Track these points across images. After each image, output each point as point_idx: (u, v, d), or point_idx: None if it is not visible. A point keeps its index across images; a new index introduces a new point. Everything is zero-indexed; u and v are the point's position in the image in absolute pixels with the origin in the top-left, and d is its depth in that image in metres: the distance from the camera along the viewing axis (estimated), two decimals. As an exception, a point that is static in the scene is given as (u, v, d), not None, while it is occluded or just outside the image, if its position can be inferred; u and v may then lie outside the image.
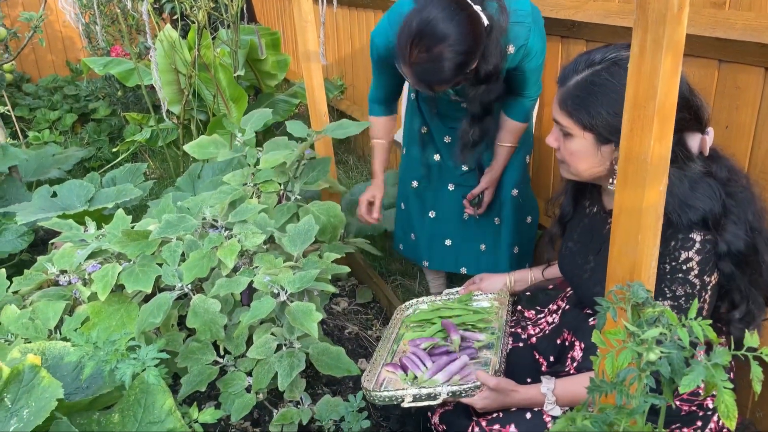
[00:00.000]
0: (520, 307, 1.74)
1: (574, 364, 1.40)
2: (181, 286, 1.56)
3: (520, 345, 1.59)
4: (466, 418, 1.42)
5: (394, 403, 1.38)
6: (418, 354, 1.52)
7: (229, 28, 3.34)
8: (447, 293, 1.83)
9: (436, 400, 1.36)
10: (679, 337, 0.76)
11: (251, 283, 1.53)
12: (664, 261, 1.16)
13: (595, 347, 1.30)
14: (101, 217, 2.33)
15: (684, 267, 1.16)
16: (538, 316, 1.67)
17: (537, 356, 1.54)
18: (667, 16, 0.79)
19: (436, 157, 2.08)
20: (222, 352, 1.59)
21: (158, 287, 1.63)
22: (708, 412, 1.28)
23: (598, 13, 1.88)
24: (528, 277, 1.75)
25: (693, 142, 1.20)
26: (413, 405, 1.36)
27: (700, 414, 1.28)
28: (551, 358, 1.50)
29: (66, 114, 4.94)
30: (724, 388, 0.74)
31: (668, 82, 0.84)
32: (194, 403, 1.41)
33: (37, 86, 5.20)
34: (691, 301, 1.17)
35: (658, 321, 0.79)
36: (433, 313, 1.71)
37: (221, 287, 1.52)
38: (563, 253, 1.50)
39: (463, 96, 1.87)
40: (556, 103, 1.26)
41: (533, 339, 1.59)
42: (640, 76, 0.85)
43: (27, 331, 1.49)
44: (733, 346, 0.76)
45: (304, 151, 1.94)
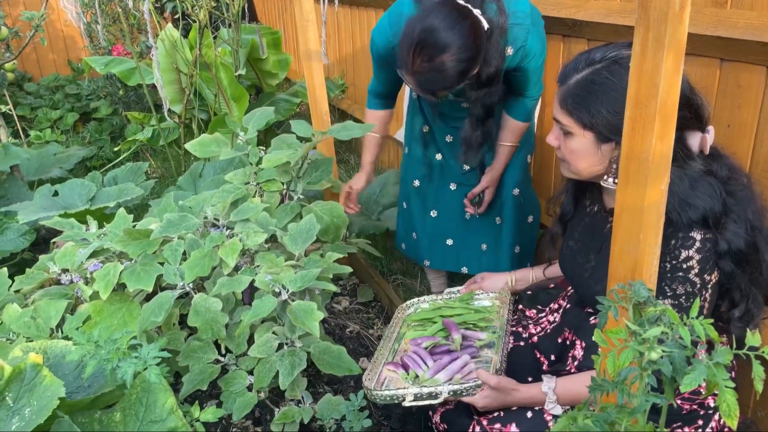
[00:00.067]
0: (522, 306, 1.75)
1: (575, 363, 1.40)
2: (183, 285, 1.57)
3: (521, 344, 1.59)
4: (467, 417, 1.42)
5: (396, 402, 1.38)
6: (420, 353, 1.52)
7: (230, 27, 3.34)
8: (448, 292, 1.83)
9: (437, 399, 1.36)
10: (681, 336, 0.76)
11: (253, 282, 1.53)
12: (665, 260, 1.16)
13: (596, 346, 1.30)
14: (103, 216, 2.33)
15: (684, 266, 1.16)
16: (540, 315, 1.67)
17: (538, 355, 1.54)
18: (668, 15, 0.79)
19: (438, 157, 2.08)
20: (223, 351, 1.59)
21: (160, 286, 1.63)
22: (709, 411, 1.28)
23: (600, 11, 1.88)
24: (529, 276, 1.75)
25: (693, 141, 1.20)
26: (414, 404, 1.37)
27: (702, 413, 1.28)
28: (552, 357, 1.50)
29: (67, 113, 4.94)
30: (726, 387, 0.74)
31: (670, 81, 0.84)
32: (196, 402, 1.41)
33: (39, 85, 5.21)
34: (692, 300, 1.17)
35: (660, 320, 0.79)
36: (435, 312, 1.71)
37: (223, 286, 1.52)
38: (564, 252, 1.50)
39: (464, 98, 1.88)
40: (557, 102, 1.26)
41: (534, 338, 1.59)
42: (642, 75, 0.85)
43: (29, 329, 1.49)
44: (734, 345, 0.76)
45: (308, 151, 1.94)
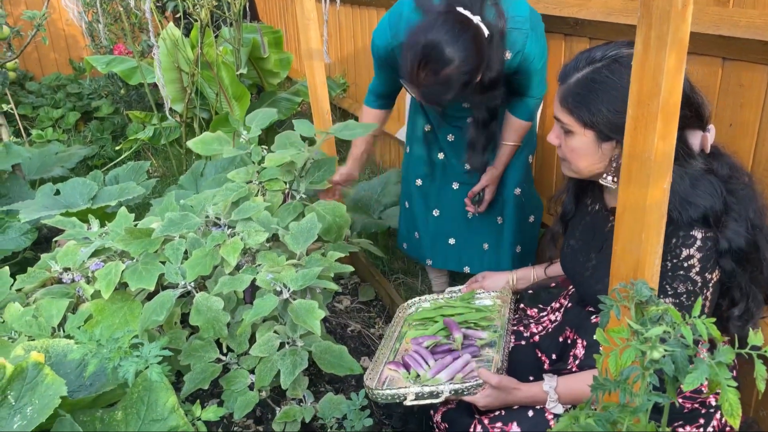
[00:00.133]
0: (523, 305, 1.74)
1: (576, 361, 1.39)
2: (184, 283, 1.57)
3: (523, 343, 1.59)
4: (469, 416, 1.42)
5: (397, 402, 1.38)
6: (421, 352, 1.52)
7: (231, 27, 3.34)
8: (449, 291, 1.83)
9: (439, 399, 1.36)
10: (683, 336, 0.75)
11: (254, 280, 1.53)
12: (666, 258, 1.15)
13: (598, 345, 1.30)
14: (104, 215, 2.33)
15: (685, 264, 1.16)
16: (541, 314, 1.66)
17: (539, 354, 1.54)
18: (671, 13, 0.79)
19: (440, 156, 2.08)
20: (225, 350, 1.59)
21: (161, 285, 1.63)
22: (711, 410, 1.28)
23: (602, 10, 1.88)
24: (530, 275, 1.75)
25: (694, 140, 1.20)
26: (415, 403, 1.37)
27: (703, 411, 1.28)
28: (553, 356, 1.50)
29: (69, 112, 4.95)
30: (728, 386, 0.74)
31: (672, 80, 0.84)
32: (197, 401, 1.42)
33: (40, 84, 5.21)
34: (693, 299, 1.17)
35: (662, 319, 0.79)
36: (436, 312, 1.71)
37: (224, 285, 1.52)
38: (565, 251, 1.50)
39: (467, 101, 1.88)
40: (557, 101, 1.26)
41: (536, 337, 1.59)
42: (644, 74, 0.85)
43: (30, 328, 1.49)
44: (737, 345, 0.76)
45: (315, 152, 1.94)
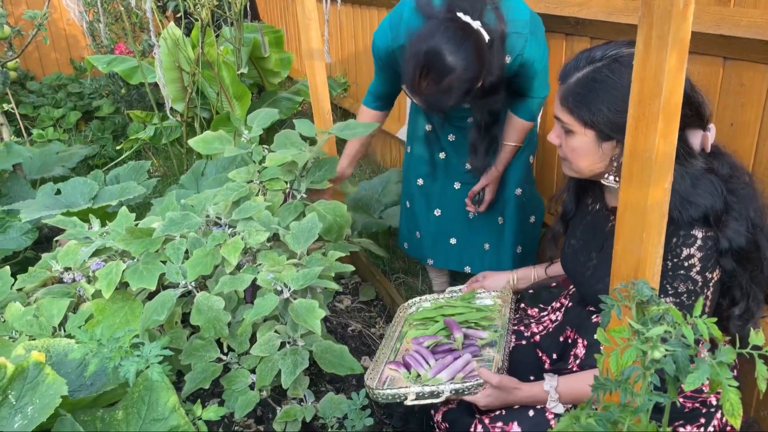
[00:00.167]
0: (524, 305, 1.74)
1: (577, 361, 1.39)
2: (185, 283, 1.57)
3: (523, 343, 1.59)
4: (469, 416, 1.42)
5: (397, 401, 1.38)
6: (421, 352, 1.52)
7: (232, 26, 3.34)
8: (450, 291, 1.83)
9: (439, 398, 1.36)
10: (684, 335, 0.75)
11: (255, 280, 1.53)
12: (666, 258, 1.15)
13: (598, 344, 1.30)
14: (105, 214, 2.33)
15: (686, 264, 1.16)
16: (541, 314, 1.66)
17: (540, 354, 1.54)
18: (672, 13, 0.79)
19: (442, 155, 2.08)
20: (226, 350, 1.59)
21: (162, 285, 1.63)
22: (711, 409, 1.28)
23: (603, 10, 1.88)
24: (531, 275, 1.75)
25: (694, 139, 1.20)
26: (416, 403, 1.36)
27: (704, 411, 1.28)
28: (554, 356, 1.50)
29: (70, 112, 4.95)
30: (730, 386, 0.74)
31: (673, 79, 0.84)
32: (198, 400, 1.42)
33: (41, 84, 5.21)
34: (693, 298, 1.17)
35: (663, 319, 0.79)
36: (436, 311, 1.71)
37: (225, 284, 1.52)
38: (566, 251, 1.50)
39: (468, 105, 1.88)
40: (558, 100, 1.26)
41: (536, 337, 1.58)
42: (645, 73, 0.85)
43: (31, 328, 1.50)
44: (738, 344, 0.76)
45: (316, 152, 1.94)
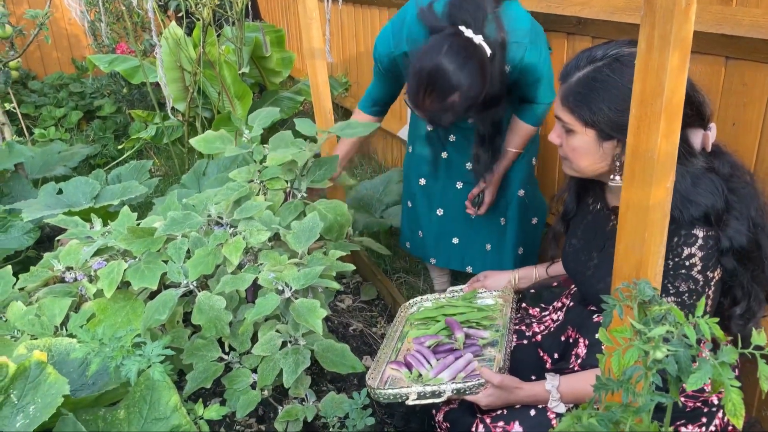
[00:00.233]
0: (525, 305, 1.74)
1: (578, 360, 1.39)
2: (187, 282, 1.57)
3: (525, 342, 1.59)
4: (471, 415, 1.42)
5: (399, 401, 1.38)
6: (423, 352, 1.52)
7: (233, 26, 3.34)
8: (451, 291, 1.83)
9: (441, 398, 1.36)
10: (686, 335, 0.75)
11: (256, 279, 1.53)
12: (667, 257, 1.15)
13: (599, 344, 1.30)
14: (107, 214, 2.34)
15: (687, 263, 1.16)
16: (543, 314, 1.66)
17: (541, 353, 1.54)
18: (674, 12, 0.79)
19: (443, 155, 2.08)
20: (227, 349, 1.59)
21: (164, 284, 1.63)
22: (713, 409, 1.28)
23: (605, 9, 1.87)
24: (532, 275, 1.75)
25: (695, 138, 1.20)
26: (417, 403, 1.37)
27: (705, 410, 1.28)
28: (555, 356, 1.50)
29: (71, 111, 4.95)
30: (732, 386, 0.73)
31: (675, 79, 0.84)
32: (199, 400, 1.42)
33: (43, 83, 5.22)
34: (695, 297, 1.17)
35: (665, 319, 0.78)
36: (438, 311, 1.71)
37: (226, 284, 1.52)
38: (567, 251, 1.50)
39: (470, 117, 1.88)
40: (558, 100, 1.26)
41: (538, 336, 1.58)
42: (648, 73, 0.85)
43: (33, 327, 1.50)
44: (740, 344, 0.76)
45: (315, 151, 1.94)
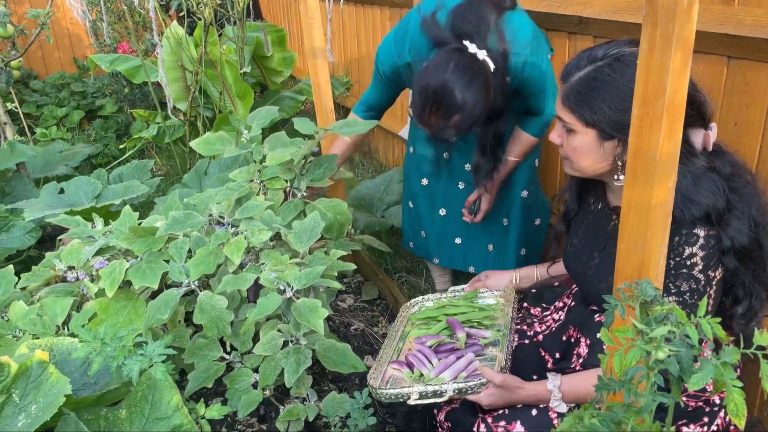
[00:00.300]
0: (526, 304, 1.74)
1: (580, 360, 1.39)
2: (188, 282, 1.57)
3: (526, 342, 1.59)
4: (472, 415, 1.42)
5: (400, 401, 1.38)
6: (424, 351, 1.52)
7: (235, 25, 3.34)
8: (452, 290, 1.83)
9: (442, 398, 1.36)
10: (688, 335, 0.75)
11: (257, 279, 1.53)
12: (669, 257, 1.15)
13: (601, 343, 1.30)
14: (108, 213, 2.34)
15: (688, 262, 1.16)
16: (544, 314, 1.66)
17: (543, 353, 1.54)
18: (676, 12, 0.79)
19: (445, 155, 2.08)
20: (228, 349, 1.60)
21: (165, 284, 1.63)
22: (714, 408, 1.28)
23: (606, 9, 1.87)
24: (534, 274, 1.75)
25: (696, 138, 1.19)
26: (419, 402, 1.37)
27: (707, 410, 1.28)
28: (557, 355, 1.50)
29: (73, 111, 4.96)
30: (734, 386, 0.73)
31: (677, 79, 0.84)
32: (201, 399, 1.42)
33: (45, 83, 5.22)
34: (696, 297, 1.16)
35: (667, 319, 0.78)
36: (439, 311, 1.71)
37: (228, 284, 1.52)
38: (568, 250, 1.50)
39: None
40: (559, 99, 1.26)
41: (539, 336, 1.58)
42: (649, 73, 0.85)
43: (35, 327, 1.50)
44: (742, 344, 0.76)
45: (312, 149, 1.94)
